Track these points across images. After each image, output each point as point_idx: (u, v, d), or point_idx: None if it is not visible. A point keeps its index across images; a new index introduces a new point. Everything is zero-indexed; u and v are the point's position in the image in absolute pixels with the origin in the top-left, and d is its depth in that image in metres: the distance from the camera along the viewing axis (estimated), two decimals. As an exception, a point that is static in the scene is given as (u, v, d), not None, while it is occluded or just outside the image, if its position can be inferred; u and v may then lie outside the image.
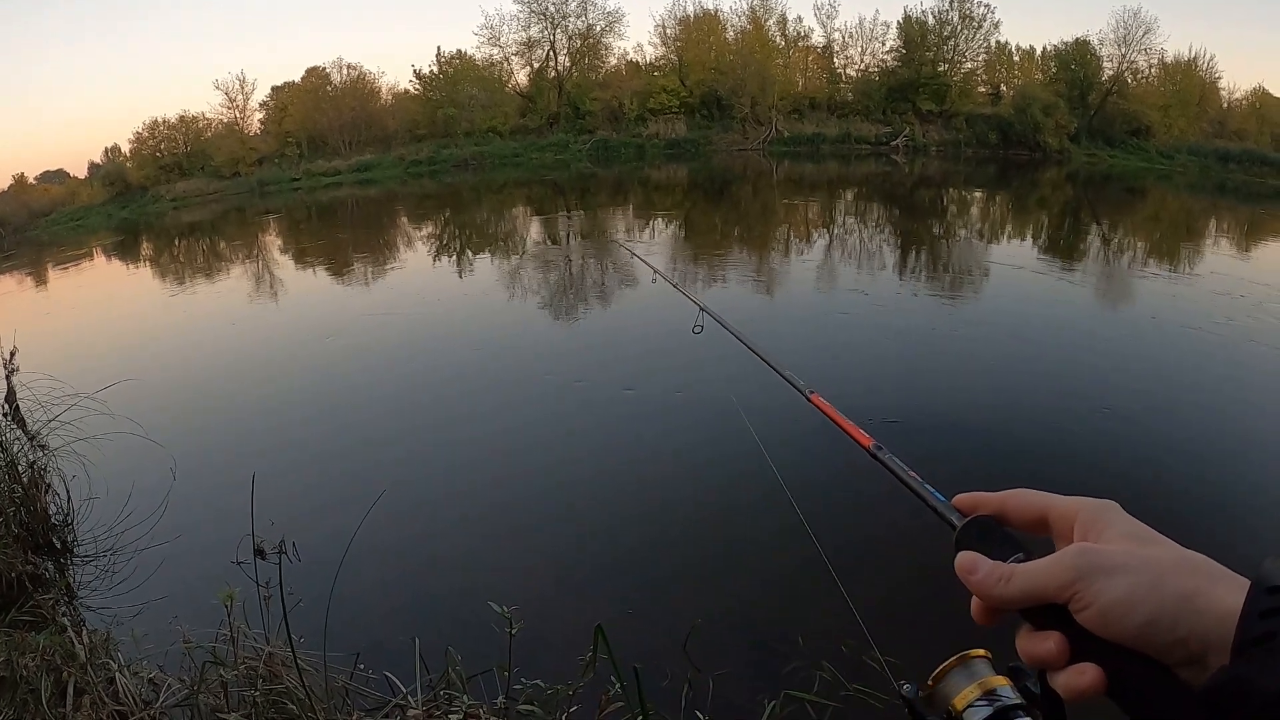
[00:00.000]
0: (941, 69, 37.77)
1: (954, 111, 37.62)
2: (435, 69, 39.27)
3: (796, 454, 5.13)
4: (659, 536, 4.63)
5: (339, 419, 6.78)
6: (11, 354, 4.93)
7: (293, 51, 74.61)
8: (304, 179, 35.97)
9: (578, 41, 40.17)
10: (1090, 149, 34.75)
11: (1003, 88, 40.43)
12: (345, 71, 40.21)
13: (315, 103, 38.72)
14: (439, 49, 44.95)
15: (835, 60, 41.26)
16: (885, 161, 33.96)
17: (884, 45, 40.11)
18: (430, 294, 11.95)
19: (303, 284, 13.83)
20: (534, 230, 19.05)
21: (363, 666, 2.92)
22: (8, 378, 4.90)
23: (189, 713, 2.67)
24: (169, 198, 35.06)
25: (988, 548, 0.55)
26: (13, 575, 3.97)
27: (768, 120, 37.96)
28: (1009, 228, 18.12)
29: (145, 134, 37.62)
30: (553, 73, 40.51)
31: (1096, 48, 36.42)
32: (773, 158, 35.59)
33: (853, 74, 41.06)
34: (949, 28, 37.68)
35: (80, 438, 4.87)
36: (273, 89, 40.78)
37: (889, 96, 38.50)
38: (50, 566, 4.42)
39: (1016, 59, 41.24)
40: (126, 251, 23.37)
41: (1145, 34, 35.11)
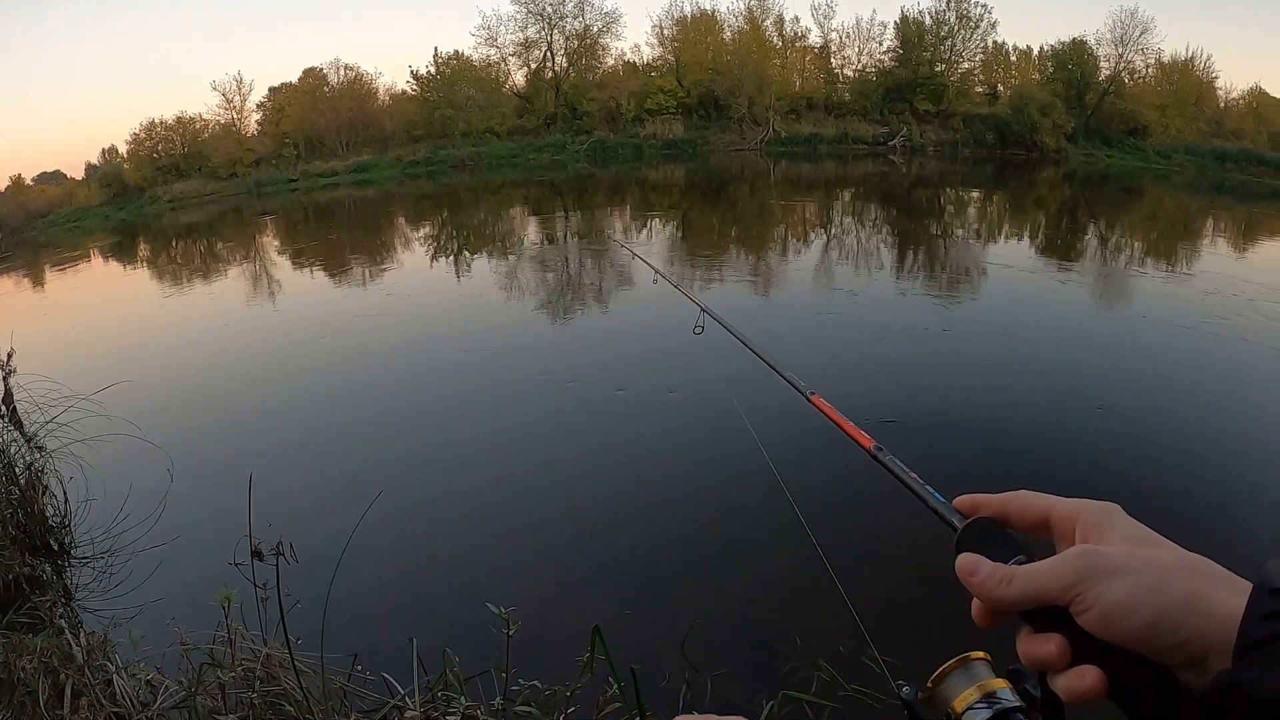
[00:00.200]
0: (939, 69, 37.82)
1: (951, 111, 37.67)
2: (432, 70, 39.32)
3: (797, 455, 5.13)
4: (658, 537, 4.62)
5: (336, 420, 6.77)
6: (9, 355, 4.92)
7: (290, 52, 74.63)
8: (301, 180, 35.93)
9: (575, 42, 40.19)
10: (1087, 149, 34.80)
11: (1000, 88, 40.50)
12: (342, 72, 40.27)
13: (312, 103, 38.69)
14: (436, 50, 44.82)
15: (832, 60, 41.36)
16: (882, 161, 33.98)
17: (881, 45, 40.26)
18: (428, 294, 11.95)
19: (300, 285, 13.82)
20: (532, 230, 19.05)
21: (360, 668, 2.91)
22: (5, 379, 4.89)
23: (186, 714, 2.66)
24: (166, 199, 35.02)
25: (989, 550, 0.55)
26: (10, 577, 3.96)
27: (765, 120, 37.99)
28: (1006, 228, 18.15)
29: (142, 135, 37.66)
30: (550, 73, 40.51)
31: (1093, 48, 36.57)
32: (770, 158, 35.61)
33: (850, 74, 41.16)
34: (946, 28, 37.75)
35: (77, 439, 4.86)
36: (270, 90, 40.79)
37: (886, 97, 38.53)
38: (48, 568, 4.41)
39: (1013, 59, 41.37)
40: (123, 253, 23.34)
41: (1142, 34, 35.25)
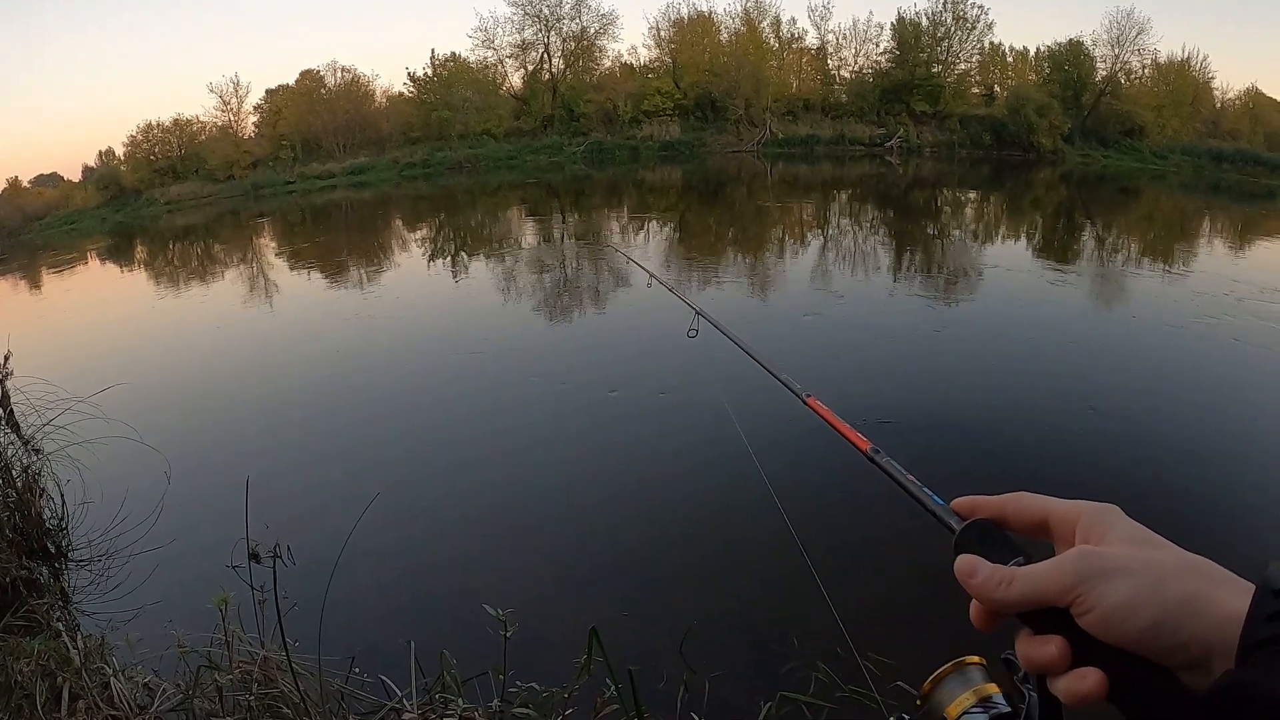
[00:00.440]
0: (935, 70, 37.90)
1: (948, 112, 37.77)
2: (429, 71, 39.36)
3: (793, 457, 5.13)
4: (655, 538, 4.62)
5: (334, 421, 6.76)
6: (6, 358, 4.91)
7: (287, 54, 74.57)
8: (298, 182, 35.93)
9: (572, 44, 40.24)
10: (1084, 149, 34.89)
11: (996, 89, 40.64)
12: (339, 74, 40.34)
13: (309, 105, 38.70)
14: (433, 51, 45.07)
15: (829, 62, 41.47)
16: (879, 163, 34.02)
17: (878, 47, 40.40)
18: (425, 296, 11.94)
19: (297, 286, 13.80)
20: (529, 233, 19.04)
21: (358, 670, 2.91)
22: (2, 382, 4.88)
23: (184, 717, 2.65)
24: (163, 201, 34.98)
25: (987, 551, 0.54)
26: (7, 580, 3.95)
27: (762, 122, 38.04)
28: (1003, 229, 18.18)
29: (139, 137, 37.70)
30: (547, 75, 40.54)
31: (1090, 48, 36.73)
32: (767, 159, 35.64)
33: (847, 75, 41.29)
34: (942, 29, 37.85)
35: (74, 442, 4.84)
36: (267, 92, 40.84)
37: (883, 98, 38.61)
38: (45, 571, 4.40)
39: (1010, 60, 41.54)
40: (120, 255, 23.31)
41: (1138, 34, 35.42)
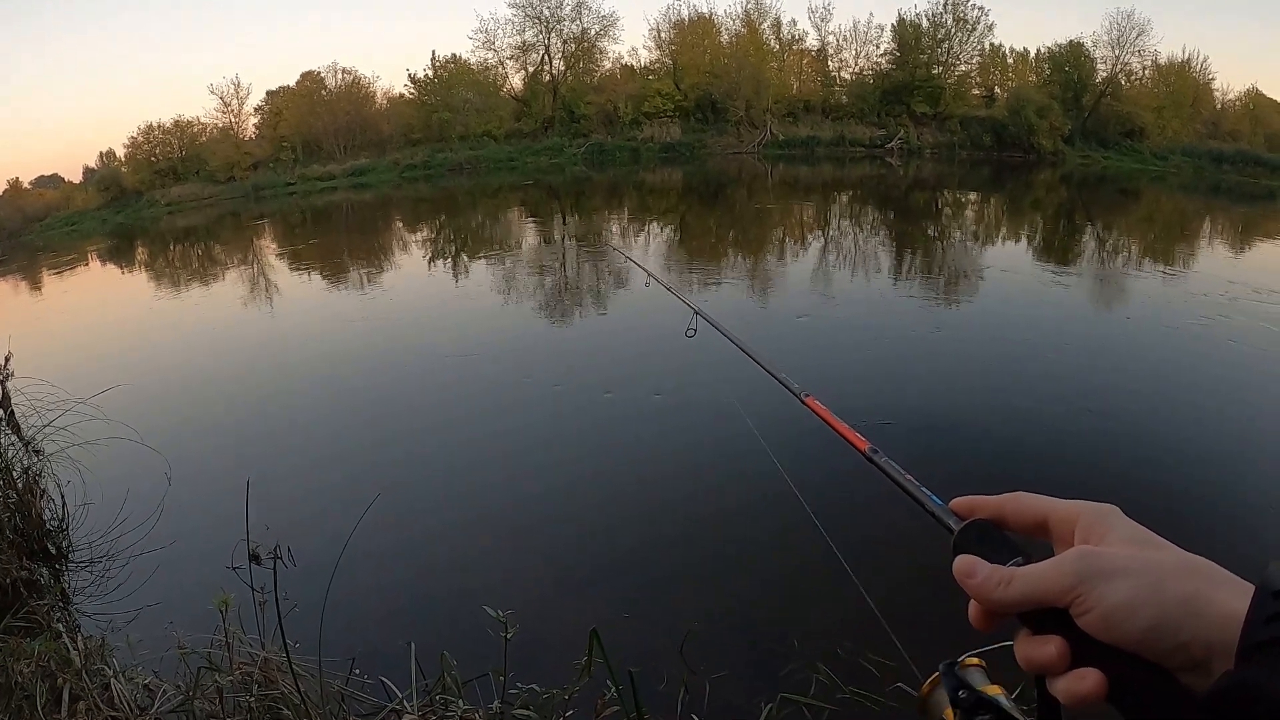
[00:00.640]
0: (936, 71, 37.91)
1: (948, 114, 37.76)
2: (430, 73, 39.36)
3: (791, 457, 5.12)
4: (655, 539, 4.61)
5: (334, 423, 6.76)
6: (6, 359, 4.91)
7: (287, 55, 74.62)
8: (299, 183, 35.94)
9: (572, 45, 40.25)
10: (1084, 151, 34.89)
11: (997, 90, 40.66)
12: (340, 75, 40.31)
13: (310, 107, 38.71)
14: (434, 53, 45.07)
15: (830, 63, 41.49)
16: (880, 164, 34.02)
17: (878, 48, 40.38)
18: (426, 298, 11.95)
19: (298, 288, 13.80)
20: (529, 234, 19.05)
21: (358, 671, 2.90)
22: (2, 383, 4.88)
23: (184, 718, 2.65)
24: (164, 202, 34.98)
25: (986, 551, 0.54)
26: (7, 581, 3.95)
27: (762, 123, 38.05)
28: (1003, 230, 18.17)
29: (140, 138, 37.68)
30: (547, 76, 40.56)
31: (1090, 49, 36.73)
32: (767, 161, 35.65)
33: (847, 77, 41.30)
34: (943, 30, 37.86)
35: (75, 443, 4.84)
36: (267, 93, 40.84)
37: (883, 99, 38.62)
38: (45, 572, 4.40)
39: (1010, 61, 41.57)
40: (121, 256, 23.32)
41: (1139, 36, 35.42)
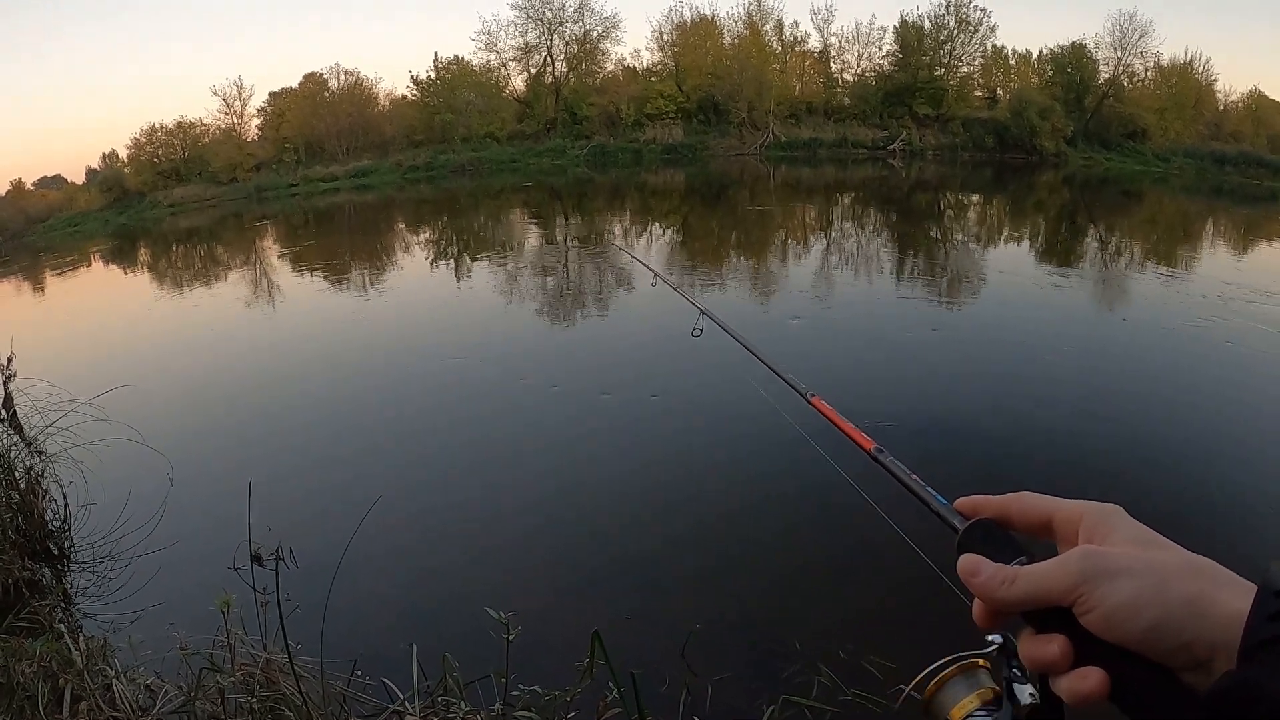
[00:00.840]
0: (938, 73, 37.86)
1: (950, 115, 37.71)
2: (432, 75, 39.35)
3: (795, 456, 5.12)
4: (658, 540, 4.61)
5: (337, 425, 6.77)
6: (9, 359, 4.92)
7: (290, 57, 74.72)
8: (301, 185, 35.96)
9: (575, 47, 40.26)
10: (1086, 152, 34.83)
11: (999, 91, 40.61)
12: (343, 77, 40.30)
13: (313, 108, 38.74)
14: (436, 54, 45.06)
15: (832, 65, 41.43)
16: (882, 166, 34.01)
17: (880, 50, 40.30)
18: (428, 299, 11.96)
19: (300, 290, 13.81)
20: (532, 235, 19.07)
21: (360, 673, 2.90)
22: (5, 383, 4.88)
23: (186, 719, 2.65)
24: (166, 203, 35.00)
25: (990, 551, 0.54)
26: (9, 581, 3.96)
27: (764, 125, 38.04)
28: (1005, 232, 18.14)
29: (143, 140, 37.65)
30: (550, 78, 40.58)
31: (1093, 51, 36.61)
32: (770, 162, 35.65)
33: (849, 78, 41.22)
34: (945, 32, 37.80)
35: (77, 444, 4.85)
36: (270, 95, 40.84)
37: (885, 101, 38.59)
38: (47, 573, 4.40)
39: (1013, 63, 41.47)
40: (123, 257, 23.36)
41: (1141, 37, 35.30)
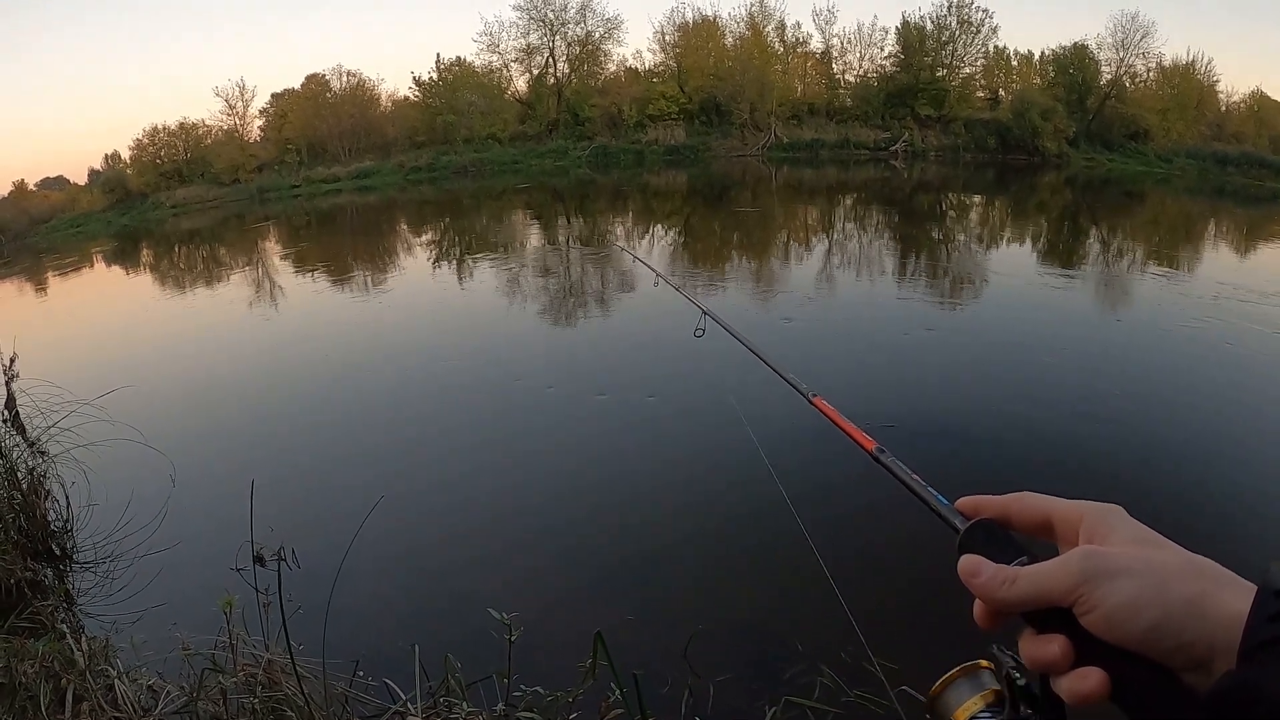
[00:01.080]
0: (940, 74, 37.83)
1: (952, 116, 37.68)
2: (435, 76, 39.41)
3: (799, 457, 5.12)
4: (660, 542, 4.61)
5: (339, 426, 6.77)
6: (11, 360, 4.93)
7: (292, 58, 74.82)
8: (304, 186, 36.01)
9: (577, 48, 40.27)
10: (1089, 153, 34.78)
11: (1001, 92, 40.55)
12: (345, 78, 40.37)
13: (315, 110, 38.81)
14: (438, 56, 45.19)
15: (834, 66, 41.38)
16: (884, 167, 33.98)
17: (882, 51, 40.27)
18: (431, 301, 11.97)
19: (302, 291, 13.82)
20: (534, 236, 19.08)
21: (362, 674, 2.91)
22: (7, 384, 4.90)
23: (188, 719, 2.66)
24: (169, 204, 35.03)
25: (991, 551, 0.54)
26: (12, 582, 3.96)
27: (767, 126, 38.02)
28: (1007, 234, 18.11)
29: (145, 141, 37.73)
30: (552, 79, 40.60)
31: (1095, 52, 36.59)
32: (772, 163, 35.63)
33: (851, 79, 41.17)
34: (947, 33, 37.77)
35: (80, 444, 4.86)
36: (272, 96, 40.98)
37: (888, 102, 38.56)
38: (49, 573, 4.41)
39: (1015, 64, 41.40)
40: (125, 258, 23.40)
41: (1143, 38, 35.26)
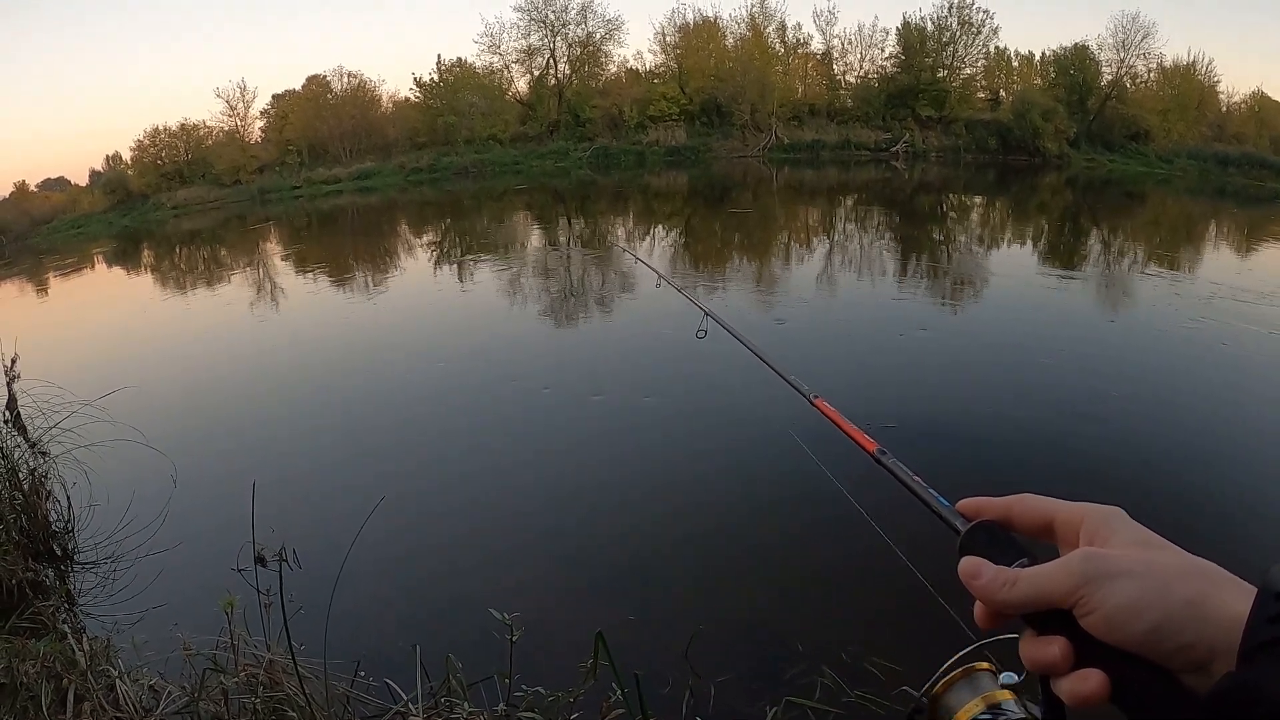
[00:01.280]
0: (941, 75, 37.83)
1: (953, 117, 37.67)
2: (435, 77, 39.42)
3: (798, 457, 5.11)
4: (662, 542, 4.61)
5: (341, 426, 6.76)
6: (13, 360, 4.94)
7: (293, 59, 74.85)
8: (305, 187, 35.99)
9: (578, 49, 40.27)
10: (1089, 154, 34.77)
11: (1002, 93, 40.53)
12: (346, 79, 40.39)
13: (316, 111, 38.82)
14: (439, 57, 45.22)
15: (835, 67, 41.34)
16: (885, 168, 33.98)
17: (883, 52, 40.24)
18: (431, 302, 11.97)
19: (303, 292, 13.83)
20: (535, 237, 19.08)
21: (363, 674, 2.91)
22: (9, 384, 4.91)
23: (189, 719, 2.66)
24: (170, 205, 35.02)
25: (992, 553, 0.55)
26: (13, 582, 3.97)
27: (767, 127, 38.02)
28: (1008, 235, 18.11)
29: (146, 142, 37.72)
30: (553, 80, 40.60)
31: (1095, 52, 36.55)
32: (772, 164, 35.62)
33: (852, 80, 41.15)
34: (948, 34, 37.76)
35: (81, 445, 4.87)
36: (273, 97, 40.98)
37: (888, 103, 38.55)
38: (51, 573, 4.41)
39: (1015, 64, 41.40)
40: (127, 259, 23.41)
41: (1144, 38, 35.24)
